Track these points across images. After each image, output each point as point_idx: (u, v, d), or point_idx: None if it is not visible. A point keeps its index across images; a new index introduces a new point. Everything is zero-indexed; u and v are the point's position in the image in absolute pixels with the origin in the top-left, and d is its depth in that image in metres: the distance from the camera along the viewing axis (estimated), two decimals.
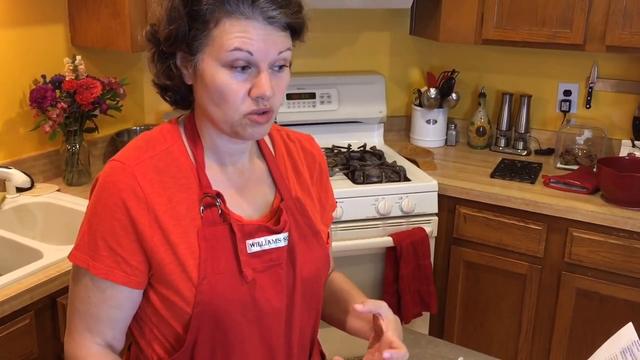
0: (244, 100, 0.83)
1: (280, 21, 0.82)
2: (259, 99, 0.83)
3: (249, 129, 0.85)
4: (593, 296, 1.91)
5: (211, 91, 0.83)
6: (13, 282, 1.30)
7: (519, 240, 1.98)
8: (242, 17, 0.80)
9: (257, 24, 0.81)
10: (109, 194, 0.84)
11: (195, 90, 0.87)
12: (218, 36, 0.81)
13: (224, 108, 0.84)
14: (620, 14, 1.92)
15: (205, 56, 0.83)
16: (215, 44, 0.82)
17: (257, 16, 0.80)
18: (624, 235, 1.83)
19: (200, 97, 0.87)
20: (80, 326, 0.88)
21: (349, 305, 0.99)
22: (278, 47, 0.83)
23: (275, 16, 0.81)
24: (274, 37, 0.82)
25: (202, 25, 0.82)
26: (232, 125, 0.85)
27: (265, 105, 0.84)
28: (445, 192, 2.04)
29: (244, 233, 0.87)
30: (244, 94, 0.83)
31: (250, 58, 0.81)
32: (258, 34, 0.81)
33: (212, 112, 0.86)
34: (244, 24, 0.80)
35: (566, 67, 2.31)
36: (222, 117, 0.85)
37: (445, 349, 1.19)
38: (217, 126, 0.87)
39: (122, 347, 0.92)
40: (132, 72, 2.17)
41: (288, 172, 0.98)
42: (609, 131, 2.24)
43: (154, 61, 0.89)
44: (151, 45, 0.89)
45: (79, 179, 1.90)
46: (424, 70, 2.57)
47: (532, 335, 2.04)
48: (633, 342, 0.92)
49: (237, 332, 0.87)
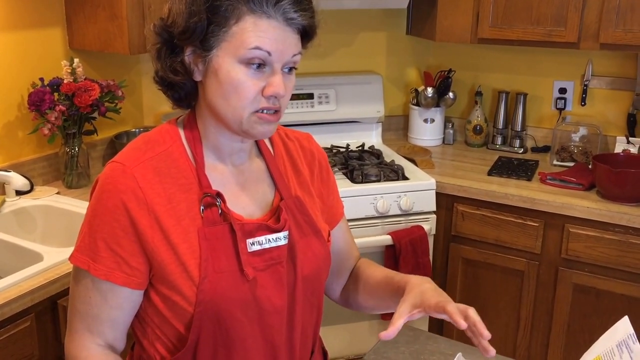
0: (256, 98, 0.84)
1: (299, 23, 0.83)
2: (272, 98, 0.84)
3: (259, 126, 0.86)
4: (590, 291, 1.93)
5: (225, 87, 0.83)
6: (14, 285, 1.30)
7: (517, 237, 2.00)
8: (264, 16, 0.81)
9: (278, 24, 0.82)
10: (109, 196, 0.85)
11: (205, 87, 0.86)
12: (238, 33, 0.81)
13: (235, 104, 0.84)
14: (613, 12, 1.93)
15: (221, 52, 0.82)
16: (234, 41, 0.82)
17: (278, 16, 0.81)
18: (620, 231, 1.84)
19: (209, 94, 0.86)
20: (81, 327, 0.89)
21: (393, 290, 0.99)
22: (292, 49, 0.84)
23: (296, 18, 0.82)
24: (290, 39, 0.83)
25: (222, 20, 0.81)
26: (241, 122, 0.85)
27: (275, 104, 0.85)
28: (443, 190, 2.06)
29: (245, 232, 0.88)
30: (257, 92, 0.84)
31: (268, 57, 0.82)
32: (277, 34, 0.82)
33: (221, 109, 0.85)
34: (265, 23, 0.81)
35: (561, 65, 2.32)
36: (232, 114, 0.85)
37: (445, 345, 1.19)
38: (225, 124, 0.87)
39: (123, 347, 0.92)
40: (131, 74, 2.17)
41: (287, 171, 0.98)
42: (604, 128, 2.26)
43: (160, 56, 0.88)
44: (158, 39, 0.87)
45: (79, 181, 1.91)
46: (421, 70, 2.58)
47: (530, 331, 2.06)
48: (629, 336, 0.92)
49: (239, 330, 0.87)
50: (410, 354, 1.17)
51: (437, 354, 1.16)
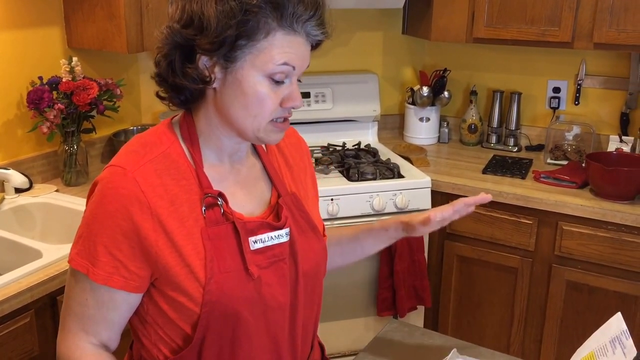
0: (276, 108, 0.86)
1: (317, 39, 0.86)
2: (289, 108, 0.87)
3: (273, 135, 0.88)
4: (583, 288, 1.95)
5: (249, 99, 0.84)
6: (13, 282, 1.31)
7: (511, 235, 2.02)
8: (292, 32, 0.83)
9: (301, 40, 0.84)
10: (111, 200, 0.84)
11: (221, 95, 0.86)
12: (267, 48, 0.82)
13: (256, 114, 0.85)
14: (607, 11, 1.95)
15: (247, 64, 0.83)
16: (261, 55, 0.82)
17: (302, 33, 0.84)
18: (613, 228, 1.86)
19: (226, 102, 0.86)
20: (76, 327, 0.88)
21: (360, 234, 1.12)
22: (308, 61, 0.87)
23: (317, 35, 0.85)
24: (308, 52, 0.86)
25: (251, 34, 0.81)
26: (258, 130, 0.87)
27: (290, 113, 0.88)
28: (438, 188, 2.07)
29: (247, 230, 0.88)
30: (277, 103, 0.86)
31: (291, 72, 0.85)
32: (302, 51, 0.85)
33: (239, 117, 0.86)
34: (292, 40, 0.83)
35: (555, 64, 2.34)
36: (251, 123, 0.86)
37: (440, 341, 1.20)
38: (238, 130, 0.88)
39: (117, 346, 0.92)
40: (129, 73, 2.18)
41: (281, 168, 0.99)
42: (597, 127, 2.28)
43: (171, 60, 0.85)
44: (171, 42, 0.84)
45: (77, 179, 1.92)
46: (417, 69, 2.60)
47: (524, 327, 2.08)
48: (622, 332, 0.93)
49: (244, 328, 0.88)
50: (405, 350, 1.18)
51: (433, 349, 1.17)
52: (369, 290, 2.06)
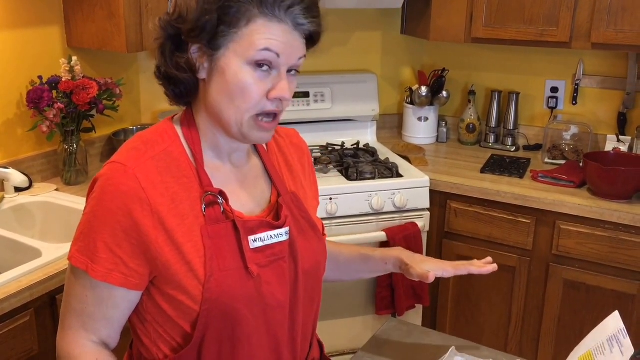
0: (261, 100, 0.85)
1: (307, 29, 0.84)
2: (276, 101, 0.85)
3: (256, 133, 0.87)
4: (580, 287, 1.96)
5: (231, 87, 0.83)
6: (13, 280, 1.31)
7: (509, 234, 2.02)
8: (274, 20, 0.82)
9: (287, 28, 0.83)
10: (111, 197, 0.83)
11: (209, 86, 0.86)
12: (248, 34, 0.82)
13: (239, 105, 0.84)
14: (605, 12, 1.95)
15: (229, 52, 0.83)
16: (242, 42, 0.82)
17: (288, 21, 0.83)
18: (610, 228, 1.87)
19: (213, 93, 0.86)
20: (76, 324, 0.88)
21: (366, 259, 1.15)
22: (298, 53, 0.85)
23: (305, 24, 0.84)
24: (297, 43, 0.85)
25: (233, 21, 0.82)
26: (241, 124, 0.85)
27: (279, 107, 0.86)
28: (436, 188, 2.08)
29: (247, 229, 0.88)
30: (262, 95, 0.84)
31: (276, 60, 0.83)
32: (286, 38, 0.83)
33: (223, 109, 0.85)
34: (275, 27, 0.82)
35: (553, 64, 2.35)
36: (234, 115, 0.85)
37: (438, 339, 1.21)
38: (223, 125, 0.87)
39: (116, 344, 0.92)
40: (128, 72, 2.18)
41: (281, 168, 0.99)
42: (594, 127, 2.29)
43: (164, 51, 0.87)
44: (163, 34, 0.86)
45: (77, 178, 1.92)
46: (415, 69, 2.60)
47: (522, 326, 2.09)
48: (619, 330, 0.94)
49: (244, 326, 0.88)
50: (403, 348, 1.19)
51: (431, 348, 1.18)
52: (368, 289, 2.07)
